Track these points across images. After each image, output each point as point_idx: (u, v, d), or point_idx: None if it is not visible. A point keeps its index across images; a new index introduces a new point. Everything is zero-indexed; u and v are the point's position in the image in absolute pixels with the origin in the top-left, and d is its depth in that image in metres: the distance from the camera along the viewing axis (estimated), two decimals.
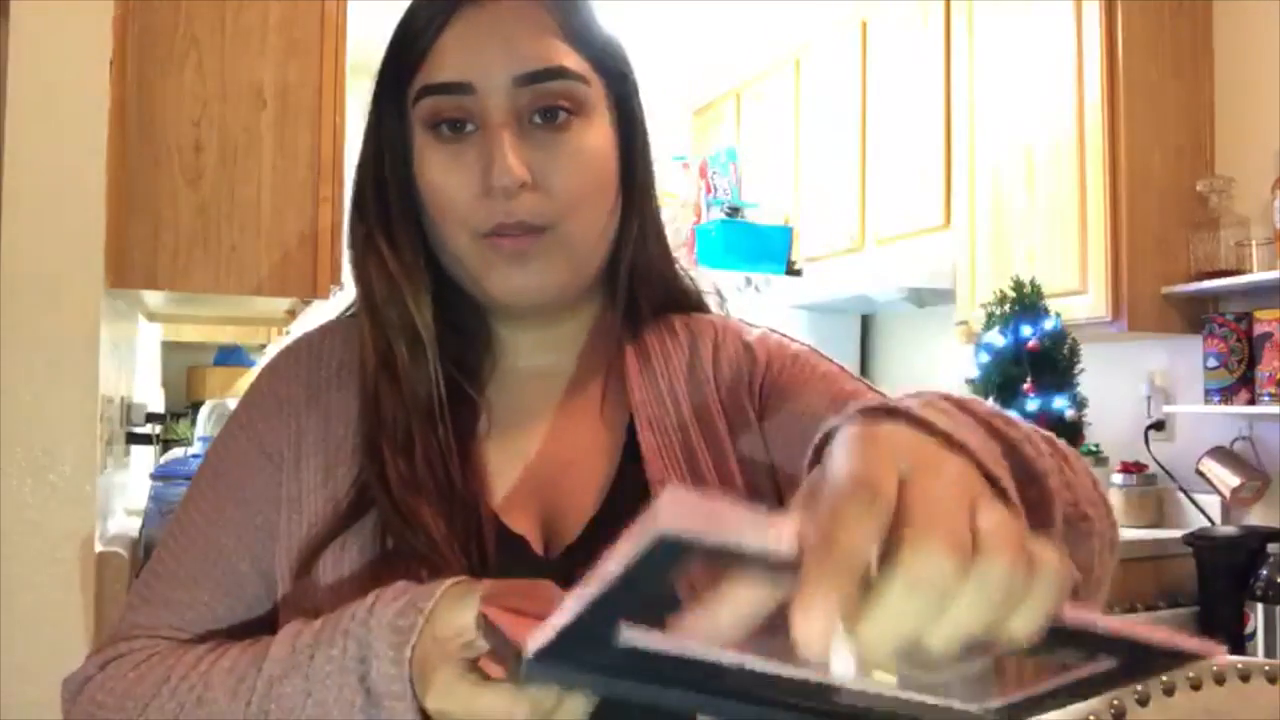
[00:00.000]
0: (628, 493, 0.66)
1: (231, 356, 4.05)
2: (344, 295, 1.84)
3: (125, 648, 0.63)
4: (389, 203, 0.68)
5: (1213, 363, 2.31)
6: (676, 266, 0.77)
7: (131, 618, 0.66)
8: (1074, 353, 2.26)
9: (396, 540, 0.61)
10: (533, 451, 0.69)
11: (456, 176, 0.64)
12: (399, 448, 0.64)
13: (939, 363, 3.30)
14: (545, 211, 0.64)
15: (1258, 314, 2.25)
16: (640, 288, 0.73)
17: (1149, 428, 2.54)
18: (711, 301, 0.80)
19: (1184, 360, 2.49)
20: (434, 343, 0.67)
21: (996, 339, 2.27)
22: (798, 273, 3.55)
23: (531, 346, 0.72)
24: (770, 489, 0.68)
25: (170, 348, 3.53)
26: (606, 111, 0.68)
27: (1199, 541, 2.20)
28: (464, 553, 0.61)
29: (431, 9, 0.66)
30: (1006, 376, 2.24)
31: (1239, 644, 2.03)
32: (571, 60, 0.65)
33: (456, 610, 0.49)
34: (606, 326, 0.74)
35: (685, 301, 0.78)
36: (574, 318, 0.73)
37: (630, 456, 0.68)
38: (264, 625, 0.64)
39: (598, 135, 0.66)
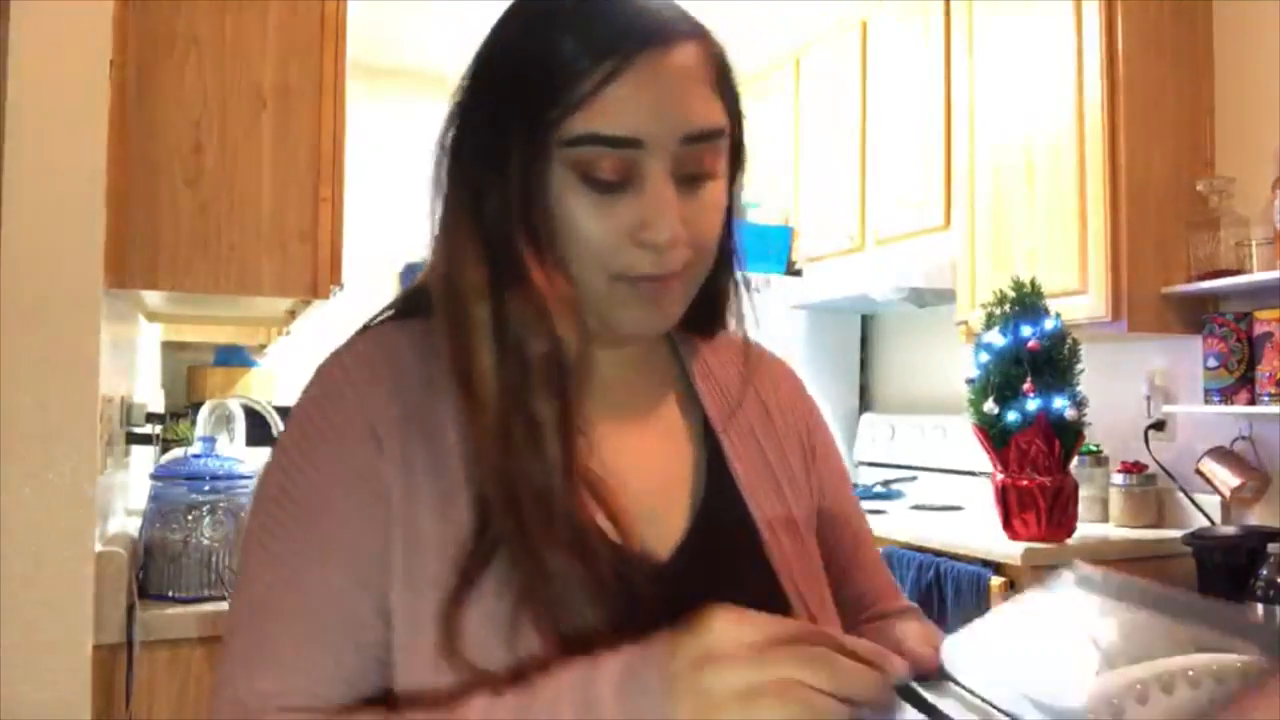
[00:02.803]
0: (719, 497, 0.72)
1: (232, 356, 4.05)
2: (344, 295, 1.84)
3: None
4: (541, 240, 0.64)
5: (1213, 363, 2.31)
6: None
7: (255, 685, 0.61)
8: (1074, 353, 2.26)
9: (533, 586, 0.60)
10: (622, 464, 0.70)
11: (607, 224, 0.64)
12: (536, 493, 0.62)
13: (939, 363, 3.30)
14: (686, 259, 0.66)
15: (1258, 314, 2.25)
16: (739, 309, 0.78)
17: (1149, 428, 2.54)
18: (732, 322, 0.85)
19: (1184, 360, 2.49)
20: (587, 376, 0.66)
21: (996, 339, 2.27)
22: (798, 273, 3.55)
23: (609, 362, 0.74)
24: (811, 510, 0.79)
25: (170, 348, 3.53)
26: (727, 157, 0.70)
27: (1199, 541, 2.20)
28: (597, 581, 0.61)
29: (596, 51, 0.62)
30: (1006, 376, 2.24)
31: None
32: (723, 116, 0.67)
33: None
34: (669, 338, 0.79)
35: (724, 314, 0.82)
36: None
37: (712, 463, 0.73)
38: (386, 669, 0.62)
39: (723, 183, 0.69)
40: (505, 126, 0.64)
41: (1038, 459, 2.22)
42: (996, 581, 2.17)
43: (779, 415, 0.80)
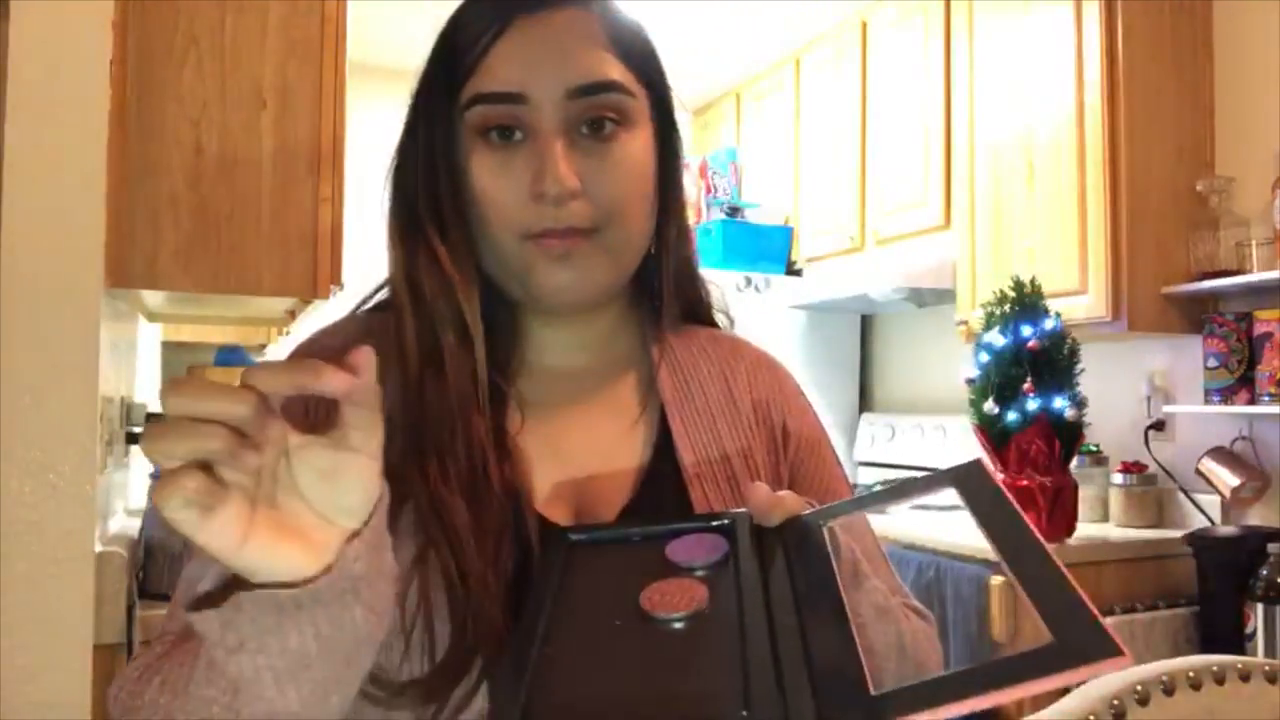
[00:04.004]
0: (660, 482, 0.71)
1: (231, 356, 4.04)
2: (344, 295, 1.84)
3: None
4: (440, 202, 0.69)
5: (1213, 363, 2.31)
6: (699, 274, 0.82)
7: (171, 626, 0.65)
8: (1074, 353, 2.25)
9: (426, 531, 0.62)
10: (565, 444, 0.72)
11: (506, 181, 0.67)
12: (442, 441, 0.65)
13: (939, 363, 3.30)
14: (592, 216, 0.67)
15: (1258, 314, 2.25)
16: (666, 291, 0.77)
17: (1149, 428, 2.54)
18: (720, 319, 0.85)
19: (1184, 360, 2.49)
20: (482, 336, 0.69)
21: (996, 339, 2.27)
22: (798, 273, 3.55)
23: (561, 344, 0.75)
24: None
25: (170, 348, 3.53)
26: (649, 123, 0.71)
27: (1199, 541, 2.19)
28: (498, 543, 0.63)
29: (483, 20, 0.68)
30: (1006, 376, 2.23)
31: (1239, 644, 2.03)
32: (619, 73, 0.68)
33: None
34: (634, 327, 0.79)
35: (702, 309, 0.83)
36: (603, 317, 0.76)
37: (661, 450, 0.73)
38: None
39: (641, 145, 0.70)
40: (420, 107, 0.71)
41: (1038, 459, 2.22)
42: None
43: (747, 405, 0.78)
